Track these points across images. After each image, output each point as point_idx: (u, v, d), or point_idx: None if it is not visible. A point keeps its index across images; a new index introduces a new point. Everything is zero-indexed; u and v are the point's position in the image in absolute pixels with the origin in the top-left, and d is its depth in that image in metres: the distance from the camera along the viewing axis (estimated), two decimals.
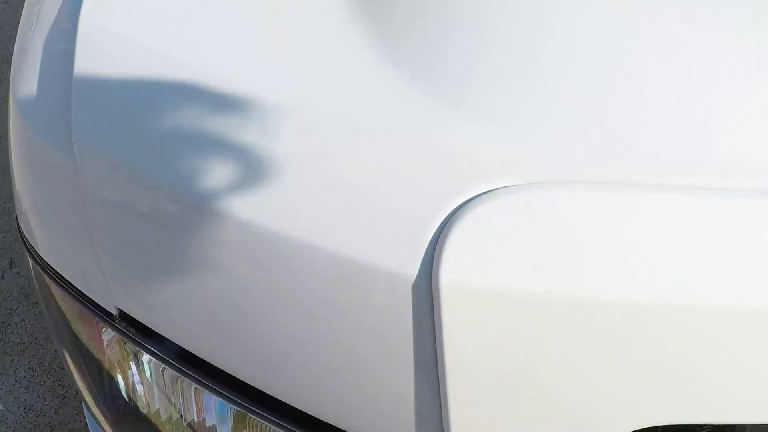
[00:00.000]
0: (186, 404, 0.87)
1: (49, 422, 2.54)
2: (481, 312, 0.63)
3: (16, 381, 2.63)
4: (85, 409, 1.24)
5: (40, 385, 2.62)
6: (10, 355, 2.69)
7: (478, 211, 0.64)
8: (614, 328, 0.64)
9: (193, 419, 0.88)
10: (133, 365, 0.89)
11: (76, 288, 0.88)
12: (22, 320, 2.78)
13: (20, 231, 0.94)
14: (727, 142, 0.68)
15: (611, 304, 0.63)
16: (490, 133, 0.68)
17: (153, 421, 0.92)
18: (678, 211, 0.65)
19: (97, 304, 0.86)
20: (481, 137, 0.68)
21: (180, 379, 0.84)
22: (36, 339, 2.72)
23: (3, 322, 2.77)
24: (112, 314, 0.85)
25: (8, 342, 2.72)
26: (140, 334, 0.84)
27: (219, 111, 0.71)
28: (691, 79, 0.71)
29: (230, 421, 0.84)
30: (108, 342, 0.90)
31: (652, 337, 0.64)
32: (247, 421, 0.81)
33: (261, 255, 0.69)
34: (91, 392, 1.02)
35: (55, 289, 0.91)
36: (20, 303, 2.83)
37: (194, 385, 0.83)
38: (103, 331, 0.88)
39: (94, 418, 1.15)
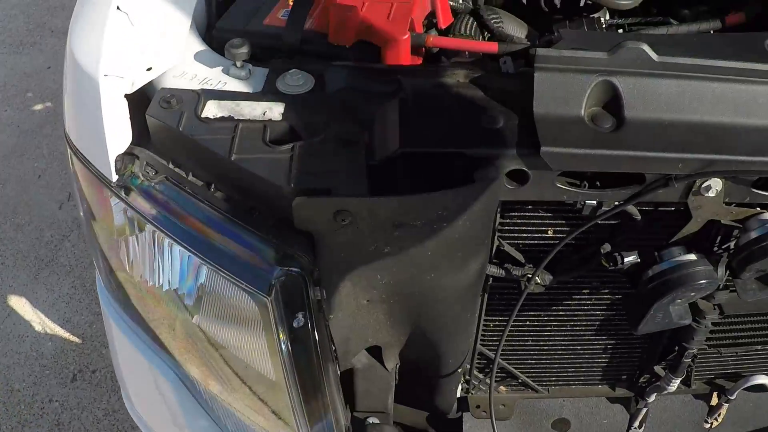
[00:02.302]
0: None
1: (83, 333, 2.92)
2: None
3: (59, 297, 3.03)
4: (97, 278, 1.60)
5: (79, 302, 3.01)
6: (57, 275, 3.10)
7: None
8: None
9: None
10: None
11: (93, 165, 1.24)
12: (73, 246, 3.19)
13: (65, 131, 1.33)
14: None
15: None
16: None
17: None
18: None
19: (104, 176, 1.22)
20: None
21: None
22: (81, 263, 3.12)
23: (56, 246, 3.18)
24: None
25: (57, 263, 3.13)
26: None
27: None
28: None
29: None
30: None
31: None
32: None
33: None
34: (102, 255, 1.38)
35: (78, 165, 1.28)
36: (72, 231, 3.23)
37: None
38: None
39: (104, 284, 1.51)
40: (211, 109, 1.17)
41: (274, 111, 1.16)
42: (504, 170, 1.10)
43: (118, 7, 1.26)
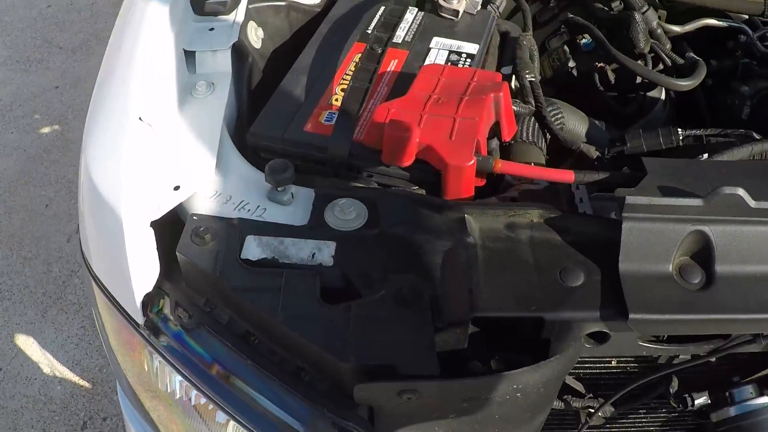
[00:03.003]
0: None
1: (93, 378, 2.80)
2: None
3: (68, 337, 2.91)
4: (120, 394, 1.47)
5: (90, 344, 2.89)
6: (66, 313, 2.97)
7: None
8: None
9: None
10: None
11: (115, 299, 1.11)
12: (82, 282, 3.06)
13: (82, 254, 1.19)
14: None
15: None
16: None
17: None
18: None
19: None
20: None
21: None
22: (90, 302, 2.99)
23: (64, 282, 3.06)
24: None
25: (66, 300, 3.01)
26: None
27: None
28: None
29: None
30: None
31: None
32: None
33: None
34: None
35: (100, 297, 1.15)
36: (81, 267, 3.09)
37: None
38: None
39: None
40: (252, 248, 1.03)
41: (324, 253, 1.03)
42: (584, 332, 0.98)
43: (140, 118, 1.13)
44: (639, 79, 1.62)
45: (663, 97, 1.64)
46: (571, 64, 1.65)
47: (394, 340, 0.94)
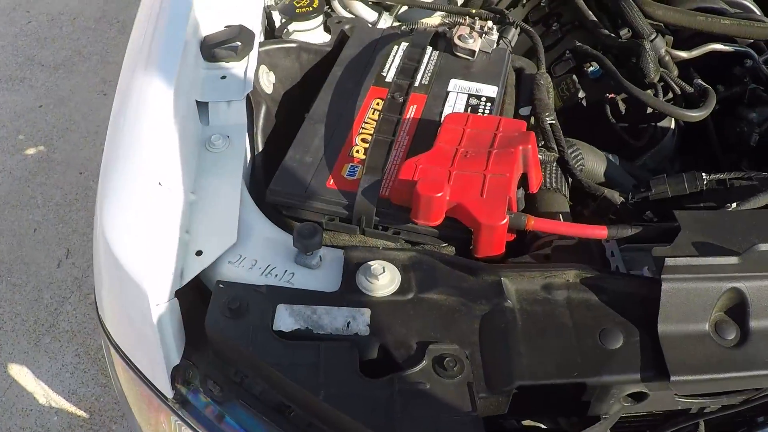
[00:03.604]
0: None
1: (90, 407, 2.76)
2: None
3: (63, 366, 2.86)
4: None
5: (85, 372, 2.84)
6: (60, 341, 2.92)
7: None
8: None
9: None
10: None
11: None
12: (74, 309, 3.01)
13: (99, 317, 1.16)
14: None
15: None
16: None
17: None
18: None
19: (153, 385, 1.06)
20: None
21: None
22: (84, 328, 2.94)
23: (56, 309, 3.00)
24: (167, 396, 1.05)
25: (59, 328, 2.95)
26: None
27: None
28: None
29: None
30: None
31: None
32: None
33: None
34: None
35: (121, 367, 1.12)
36: (73, 293, 3.05)
37: None
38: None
39: None
40: (284, 319, 1.01)
41: (359, 321, 1.01)
42: (624, 393, 0.98)
43: (159, 183, 1.10)
44: (649, 109, 1.61)
45: (673, 125, 1.63)
46: (581, 94, 1.63)
47: (439, 416, 0.92)
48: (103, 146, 1.26)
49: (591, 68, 1.69)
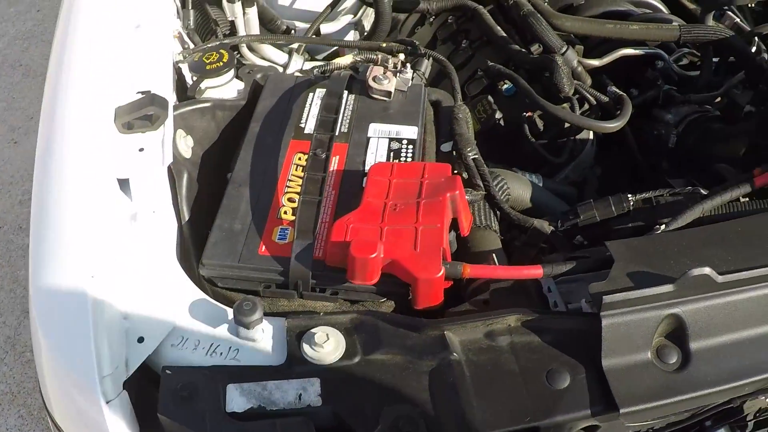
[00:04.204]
0: None
1: None
2: None
3: (7, 429, 2.78)
4: None
5: None
6: (0, 404, 2.84)
7: None
8: None
9: None
10: None
11: None
12: (11, 369, 2.92)
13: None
14: None
15: None
16: None
17: None
18: None
19: None
20: None
21: None
22: (24, 389, 2.86)
23: None
24: None
25: None
26: None
27: None
28: None
29: None
30: None
31: None
32: None
33: None
34: None
35: None
36: (7, 353, 2.96)
37: None
38: None
39: None
40: (236, 399, 1.00)
41: (310, 393, 1.00)
42: (576, 428, 1.01)
43: (92, 276, 1.08)
44: (566, 125, 1.64)
45: (591, 136, 1.66)
46: (498, 115, 1.66)
47: None
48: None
49: (505, 86, 1.72)
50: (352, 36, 2.10)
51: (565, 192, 1.57)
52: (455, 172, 1.27)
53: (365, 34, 2.00)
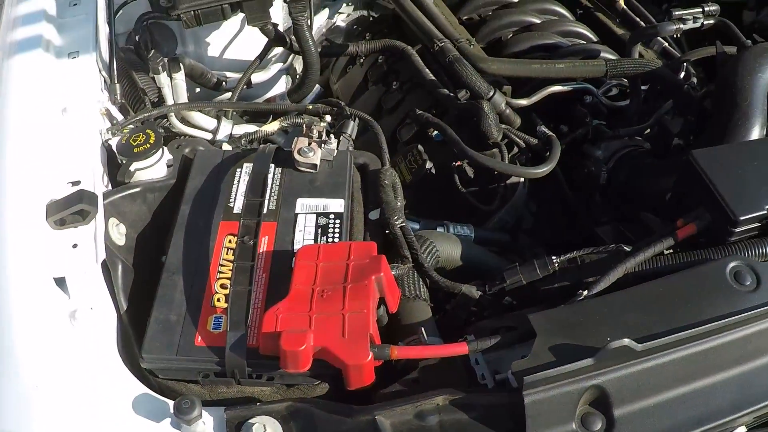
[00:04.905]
0: None
1: None
2: None
3: None
4: None
5: None
6: None
7: None
8: None
9: None
10: None
11: None
12: None
13: None
14: None
15: None
16: None
17: None
18: None
19: None
20: None
21: None
22: None
23: None
24: None
25: None
26: None
27: None
28: None
29: None
30: None
31: None
32: None
33: None
34: None
35: None
36: None
37: None
38: None
39: None
40: None
41: None
42: None
43: (36, 386, 1.11)
44: (495, 172, 1.67)
45: (522, 179, 1.70)
46: (428, 165, 1.68)
47: None
48: None
49: (435, 132, 1.75)
50: (283, 82, 2.11)
51: (499, 239, 1.61)
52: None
53: (295, 83, 2.02)
